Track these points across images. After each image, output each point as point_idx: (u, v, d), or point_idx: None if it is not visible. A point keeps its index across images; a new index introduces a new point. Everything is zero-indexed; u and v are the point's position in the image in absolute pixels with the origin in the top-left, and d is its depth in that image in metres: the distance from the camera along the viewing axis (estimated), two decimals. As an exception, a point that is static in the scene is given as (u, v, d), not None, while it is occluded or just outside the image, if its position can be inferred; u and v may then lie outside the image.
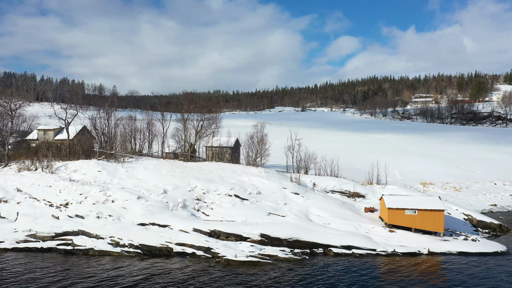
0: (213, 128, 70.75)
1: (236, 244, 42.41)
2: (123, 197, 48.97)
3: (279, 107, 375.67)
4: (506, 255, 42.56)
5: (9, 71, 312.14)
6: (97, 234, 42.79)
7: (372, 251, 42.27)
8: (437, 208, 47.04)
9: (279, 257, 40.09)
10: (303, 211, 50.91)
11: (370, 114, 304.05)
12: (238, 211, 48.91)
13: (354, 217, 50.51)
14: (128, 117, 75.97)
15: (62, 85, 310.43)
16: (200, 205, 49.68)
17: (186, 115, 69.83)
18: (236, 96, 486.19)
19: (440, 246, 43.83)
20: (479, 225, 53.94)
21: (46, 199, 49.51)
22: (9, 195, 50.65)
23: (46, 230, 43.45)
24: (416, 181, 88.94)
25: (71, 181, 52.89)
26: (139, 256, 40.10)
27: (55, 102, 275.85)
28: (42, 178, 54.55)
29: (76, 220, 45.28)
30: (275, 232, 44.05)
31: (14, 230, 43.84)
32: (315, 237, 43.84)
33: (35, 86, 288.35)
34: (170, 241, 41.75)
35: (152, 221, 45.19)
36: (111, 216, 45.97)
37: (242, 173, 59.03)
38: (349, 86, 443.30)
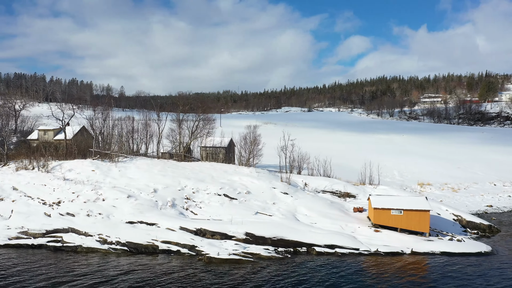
0: (208, 129, 71.68)
1: (221, 242, 43.22)
2: (113, 196, 50.16)
3: (286, 107, 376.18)
4: (489, 256, 42.66)
5: (20, 72, 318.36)
6: (86, 232, 43.98)
7: (355, 250, 42.74)
8: (423, 208, 47.28)
9: (261, 255, 40.82)
10: (291, 211, 51.53)
11: (376, 114, 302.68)
12: (226, 210, 49.73)
13: (342, 217, 50.96)
14: (126, 117, 77.16)
15: (71, 85, 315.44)
16: (189, 204, 50.63)
17: (181, 116, 70.79)
18: (244, 96, 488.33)
19: (424, 246, 44.10)
20: (468, 226, 53.95)
21: (40, 198, 50.94)
22: (5, 194, 52.21)
23: (38, 227, 44.78)
24: (415, 182, 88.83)
25: (65, 180, 54.27)
26: (126, 253, 41.16)
27: (63, 103, 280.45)
28: (38, 177, 56.06)
29: (67, 218, 46.56)
30: (260, 231, 44.77)
31: (7, 227, 45.26)
32: (299, 236, 44.46)
33: (44, 86, 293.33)
34: (156, 239, 42.75)
35: (140, 220, 46.26)
36: (101, 214, 47.16)
37: (234, 173, 59.85)
38: (357, 86, 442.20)
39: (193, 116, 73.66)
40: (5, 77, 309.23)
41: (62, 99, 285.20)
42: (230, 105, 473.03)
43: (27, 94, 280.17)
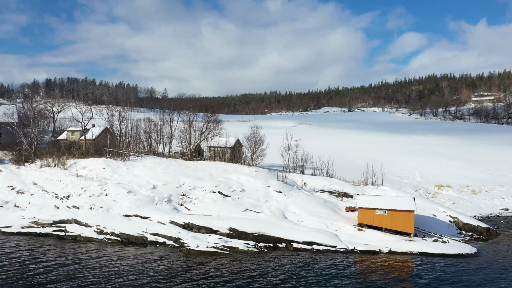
0: (218, 129, 74.77)
1: (206, 236, 46.05)
2: (115, 191, 54.59)
3: (326, 108, 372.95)
4: (470, 257, 42.25)
5: (73, 77, 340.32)
6: (87, 223, 48.54)
7: (332, 247, 43.95)
8: (407, 209, 47.37)
9: (239, 249, 43.21)
10: (281, 209, 53.35)
11: (419, 114, 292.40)
12: (218, 207, 52.49)
13: (330, 216, 52.02)
14: (145, 118, 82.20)
15: (118, 89, 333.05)
16: (184, 200, 53.95)
17: (192, 117, 74.38)
18: (287, 97, 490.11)
19: (403, 245, 44.38)
20: (465, 228, 53.02)
21: (54, 192, 56.46)
22: (26, 188, 58.33)
23: (46, 218, 50.00)
24: (433, 184, 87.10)
25: (77, 177, 59.59)
26: (118, 243, 45.09)
27: (110, 105, 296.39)
28: (55, 173, 61.90)
29: (72, 210, 51.48)
30: (243, 226, 47.11)
31: (22, 217, 50.89)
32: (280, 232, 46.30)
33: (93, 90, 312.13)
34: (146, 231, 46.40)
35: (135, 213, 50.18)
36: (102, 207, 51.67)
37: (233, 172, 62.47)
38: (404, 85, 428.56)
39: (202, 118, 76.97)
40: (60, 82, 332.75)
41: (109, 101, 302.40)
42: (274, 106, 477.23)
43: (78, 97, 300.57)
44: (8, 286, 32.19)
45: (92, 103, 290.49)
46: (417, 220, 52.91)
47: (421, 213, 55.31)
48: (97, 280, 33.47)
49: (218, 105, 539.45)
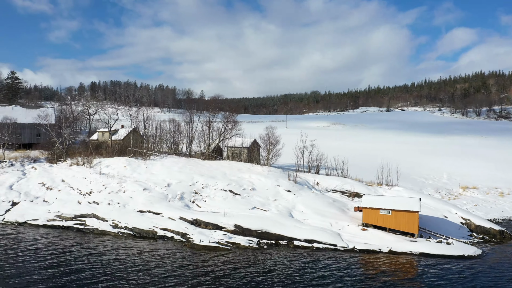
0: (236, 130, 76.86)
1: (211, 232, 48.21)
2: (132, 188, 57.99)
3: (363, 108, 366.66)
4: (471, 259, 41.69)
5: (115, 80, 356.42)
6: (104, 217, 52.13)
7: (332, 246, 44.75)
8: (411, 210, 47.18)
9: (240, 245, 45.00)
10: (288, 207, 54.56)
11: (461, 113, 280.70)
12: (227, 204, 54.53)
13: (336, 215, 52.62)
14: (170, 119, 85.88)
15: (157, 91, 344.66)
16: (196, 198, 56.42)
17: (211, 118, 76.92)
18: (326, 97, 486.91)
19: (404, 246, 44.38)
20: (477, 230, 51.88)
21: (78, 188, 60.79)
22: (54, 184, 63.14)
23: (69, 212, 54.13)
24: (460, 185, 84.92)
25: (100, 174, 63.71)
26: (130, 237, 48.20)
27: (149, 106, 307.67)
28: (82, 171, 66.43)
29: (92, 206, 55.36)
30: (248, 223, 48.86)
31: (48, 211, 55.33)
32: (283, 230, 47.61)
33: (134, 92, 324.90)
34: (157, 226, 49.24)
35: (149, 209, 53.22)
36: (119, 203, 55.16)
37: (246, 171, 64.28)
38: (449, 83, 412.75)
39: (221, 119, 79.23)
40: (103, 85, 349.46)
41: (148, 103, 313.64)
42: (312, 106, 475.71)
43: (120, 99, 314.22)
44: (29, 270, 35.65)
45: (133, 105, 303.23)
46: (427, 221, 52.53)
47: (432, 214, 54.72)
48: (101, 267, 36.40)
49: (257, 106, 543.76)
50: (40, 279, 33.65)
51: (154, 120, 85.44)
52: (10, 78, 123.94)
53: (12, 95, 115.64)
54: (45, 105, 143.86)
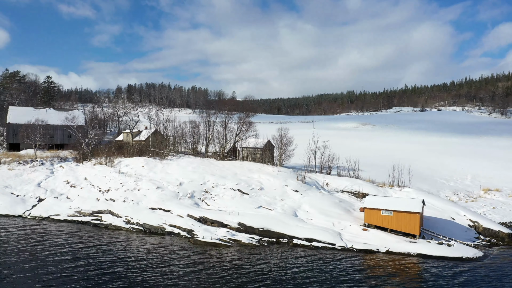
0: (252, 131, 78.68)
1: (216, 229, 50.28)
2: (147, 187, 61.09)
3: (396, 108, 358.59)
4: (469, 261, 41.45)
5: (150, 82, 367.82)
6: (118, 214, 55.43)
7: (330, 245, 45.67)
8: (413, 211, 47.22)
9: (241, 242, 46.79)
10: (294, 207, 55.77)
11: (501, 113, 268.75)
12: (235, 203, 56.46)
13: (340, 215, 53.31)
14: (190, 121, 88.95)
15: (190, 92, 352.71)
16: (205, 196, 58.72)
17: (227, 119, 79.13)
18: (361, 97, 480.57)
19: (403, 246, 44.62)
20: (485, 233, 51.06)
21: (99, 186, 64.66)
22: (78, 182, 67.42)
23: (87, 209, 57.88)
24: (483, 187, 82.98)
25: (119, 173, 67.37)
26: (141, 233, 51.10)
27: (182, 108, 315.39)
28: (103, 170, 70.44)
29: (109, 202, 58.87)
30: (251, 222, 50.58)
31: (69, 207, 59.36)
32: (285, 229, 48.96)
33: (167, 94, 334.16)
34: (165, 223, 51.90)
35: (160, 207, 56.03)
36: (133, 201, 58.36)
37: (257, 171, 65.91)
38: (491, 81, 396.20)
39: (235, 121, 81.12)
40: (139, 87, 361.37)
41: (181, 104, 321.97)
42: (346, 106, 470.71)
43: (154, 101, 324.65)
44: (47, 257, 39.02)
45: (166, 106, 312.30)
46: (433, 223, 52.27)
47: (439, 216, 54.30)
48: (107, 259, 39.28)
49: (291, 106, 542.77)
50: (47, 265, 36.85)
51: (175, 121, 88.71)
52: (46, 83, 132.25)
53: (47, 98, 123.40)
54: (81, 108, 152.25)
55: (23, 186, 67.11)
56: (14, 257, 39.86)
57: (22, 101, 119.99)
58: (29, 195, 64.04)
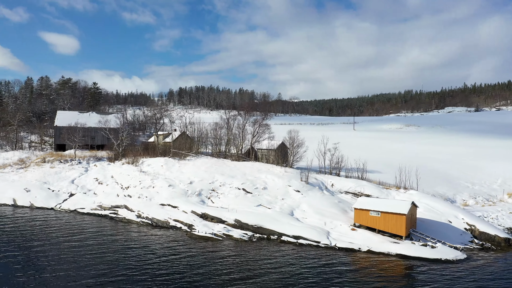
0: (268, 133, 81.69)
1: (214, 224, 54.21)
2: (160, 185, 66.38)
3: (449, 108, 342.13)
4: (447, 263, 41.89)
5: (199, 85, 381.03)
6: (132, 209, 61.13)
7: (315, 242, 47.86)
8: (399, 212, 48.02)
9: (232, 237, 50.29)
10: (292, 206, 58.25)
11: None
12: (237, 201, 60.02)
13: (335, 215, 55.02)
14: (214, 123, 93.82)
15: (236, 95, 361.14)
16: (212, 194, 62.81)
17: (244, 122, 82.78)
18: (416, 96, 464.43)
19: (384, 246, 45.76)
20: (481, 237, 50.46)
21: (121, 183, 71.10)
22: (105, 180, 74.44)
23: (108, 203, 64.23)
24: (509, 191, 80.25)
25: (140, 172, 73.49)
26: (149, 226, 56.26)
27: (227, 110, 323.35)
28: (128, 169, 76.99)
29: (126, 198, 64.89)
30: (246, 219, 53.92)
31: (93, 202, 66.16)
32: (276, 226, 51.76)
33: (215, 96, 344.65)
34: (170, 218, 56.67)
35: (169, 203, 60.97)
36: (147, 197, 63.88)
37: (265, 172, 68.84)
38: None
39: (250, 124, 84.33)
40: (189, 90, 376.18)
41: (227, 106, 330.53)
42: (400, 106, 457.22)
43: (203, 104, 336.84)
44: (68, 240, 45.13)
45: (213, 108, 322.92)
46: (427, 225, 52.54)
47: (437, 219, 54.28)
48: (103, 244, 44.57)
49: (343, 107, 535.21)
50: (60, 246, 42.74)
51: (199, 123, 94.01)
52: (93, 88, 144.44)
53: (93, 103, 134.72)
54: (130, 110, 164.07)
55: (59, 182, 75.28)
56: (40, 239, 46.43)
57: (72, 105, 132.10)
58: (62, 190, 71.92)
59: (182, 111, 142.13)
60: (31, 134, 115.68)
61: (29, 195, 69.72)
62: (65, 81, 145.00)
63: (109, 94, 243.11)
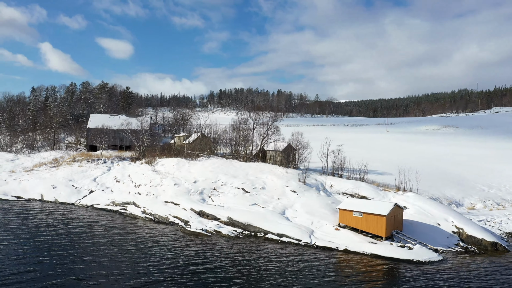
0: (277, 135, 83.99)
1: (209, 221, 57.60)
2: (167, 183, 70.77)
3: (497, 108, 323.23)
4: (419, 264, 42.46)
5: (238, 88, 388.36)
6: (139, 205, 65.95)
7: (297, 240, 49.91)
8: (380, 213, 48.84)
9: (222, 233, 53.40)
10: (286, 206, 60.35)
11: None
12: (234, 200, 63.03)
13: (325, 215, 56.49)
14: (229, 125, 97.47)
15: (274, 96, 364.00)
16: (213, 193, 66.22)
17: (254, 124, 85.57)
18: (466, 95, 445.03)
19: (361, 246, 46.98)
20: (468, 240, 50.05)
21: (135, 182, 76.38)
22: (122, 178, 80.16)
23: (119, 200, 69.56)
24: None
25: (153, 171, 78.45)
26: (151, 221, 60.67)
27: (265, 111, 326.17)
28: (144, 168, 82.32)
29: (135, 196, 69.88)
30: (238, 217, 56.85)
31: (108, 198, 71.81)
32: (264, 224, 54.26)
33: (253, 98, 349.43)
34: (171, 214, 60.77)
35: (172, 200, 65.13)
36: (154, 195, 68.47)
37: (268, 172, 71.17)
38: None
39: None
40: (228, 92, 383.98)
41: (264, 108, 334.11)
42: (448, 106, 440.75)
43: (241, 105, 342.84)
44: (81, 232, 50.51)
45: (250, 110, 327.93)
46: (415, 227, 52.88)
47: (426, 221, 54.36)
48: (111, 236, 49.24)
49: (388, 108, 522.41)
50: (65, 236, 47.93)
51: (215, 125, 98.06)
52: (126, 92, 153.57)
53: (126, 106, 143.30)
54: (168, 111, 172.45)
55: (83, 180, 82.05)
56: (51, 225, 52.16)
57: (108, 108, 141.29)
58: (84, 188, 78.43)
59: (201, 113, 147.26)
60: (69, 136, 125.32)
61: (55, 191, 76.76)
62: (103, 86, 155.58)
63: (142, 97, 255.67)
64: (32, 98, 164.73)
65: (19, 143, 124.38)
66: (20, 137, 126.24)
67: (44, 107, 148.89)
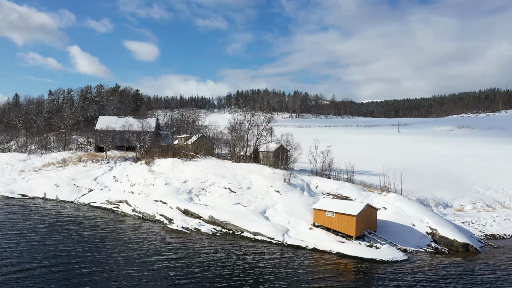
0: (271, 135, 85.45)
1: (192, 220, 59.79)
2: (159, 183, 73.37)
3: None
4: (381, 263, 43.31)
5: (255, 89, 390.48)
6: (129, 203, 68.79)
7: (270, 239, 51.47)
8: (351, 213, 49.75)
9: (200, 231, 55.48)
10: (268, 205, 61.83)
11: None
12: (219, 199, 64.96)
13: (303, 215, 57.66)
14: (226, 126, 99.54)
15: (290, 97, 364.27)
16: (201, 193, 68.34)
17: (248, 125, 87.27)
18: (491, 95, 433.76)
19: (329, 245, 48.11)
20: (440, 241, 50.38)
21: (131, 181, 79.42)
22: (121, 178, 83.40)
23: (114, 198, 72.64)
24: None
25: (149, 171, 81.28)
26: (139, 219, 63.31)
27: (281, 112, 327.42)
28: (142, 168, 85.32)
29: (128, 194, 72.81)
30: (218, 215, 58.80)
31: (104, 197, 75.06)
32: (241, 223, 56.02)
33: (268, 99, 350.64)
34: (157, 212, 63.27)
35: (161, 199, 67.64)
36: (145, 194, 71.19)
37: (256, 173, 72.69)
38: None
39: (253, 127, 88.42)
40: (245, 93, 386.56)
41: (279, 109, 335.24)
42: (472, 106, 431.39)
43: (257, 106, 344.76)
44: (74, 228, 53.62)
45: (266, 111, 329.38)
46: (389, 227, 53.52)
47: (401, 221, 54.84)
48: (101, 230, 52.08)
49: (409, 108, 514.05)
50: (50, 230, 51.02)
51: (214, 126, 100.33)
52: (136, 95, 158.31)
53: (135, 108, 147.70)
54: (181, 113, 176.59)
55: (84, 179, 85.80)
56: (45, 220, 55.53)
57: (119, 111, 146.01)
58: (84, 186, 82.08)
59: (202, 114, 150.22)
60: (80, 137, 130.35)
61: (57, 190, 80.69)
62: (115, 89, 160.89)
63: (151, 99, 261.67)
64: (48, 101, 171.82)
65: (34, 144, 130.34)
66: (36, 138, 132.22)
67: (60, 109, 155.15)
